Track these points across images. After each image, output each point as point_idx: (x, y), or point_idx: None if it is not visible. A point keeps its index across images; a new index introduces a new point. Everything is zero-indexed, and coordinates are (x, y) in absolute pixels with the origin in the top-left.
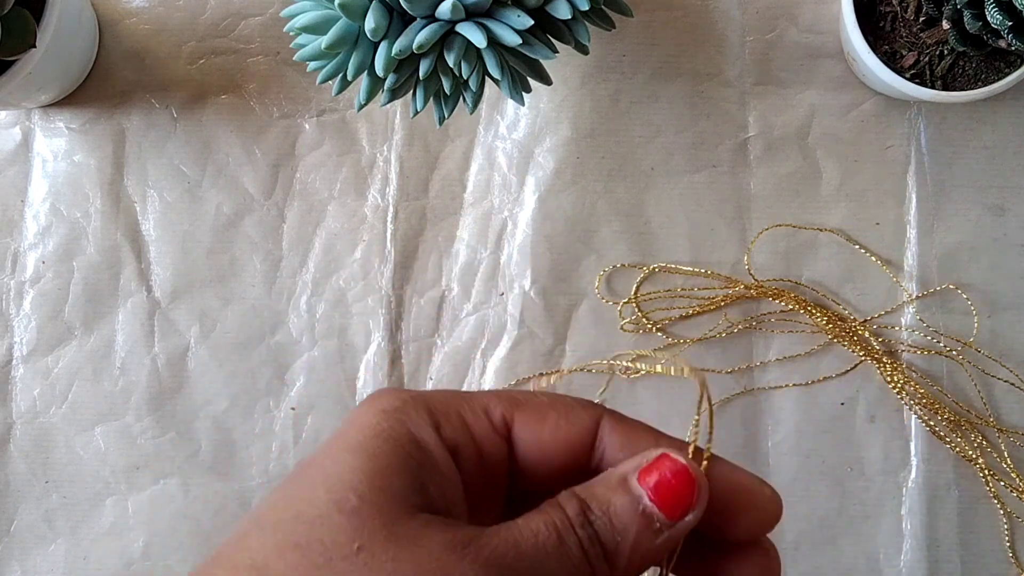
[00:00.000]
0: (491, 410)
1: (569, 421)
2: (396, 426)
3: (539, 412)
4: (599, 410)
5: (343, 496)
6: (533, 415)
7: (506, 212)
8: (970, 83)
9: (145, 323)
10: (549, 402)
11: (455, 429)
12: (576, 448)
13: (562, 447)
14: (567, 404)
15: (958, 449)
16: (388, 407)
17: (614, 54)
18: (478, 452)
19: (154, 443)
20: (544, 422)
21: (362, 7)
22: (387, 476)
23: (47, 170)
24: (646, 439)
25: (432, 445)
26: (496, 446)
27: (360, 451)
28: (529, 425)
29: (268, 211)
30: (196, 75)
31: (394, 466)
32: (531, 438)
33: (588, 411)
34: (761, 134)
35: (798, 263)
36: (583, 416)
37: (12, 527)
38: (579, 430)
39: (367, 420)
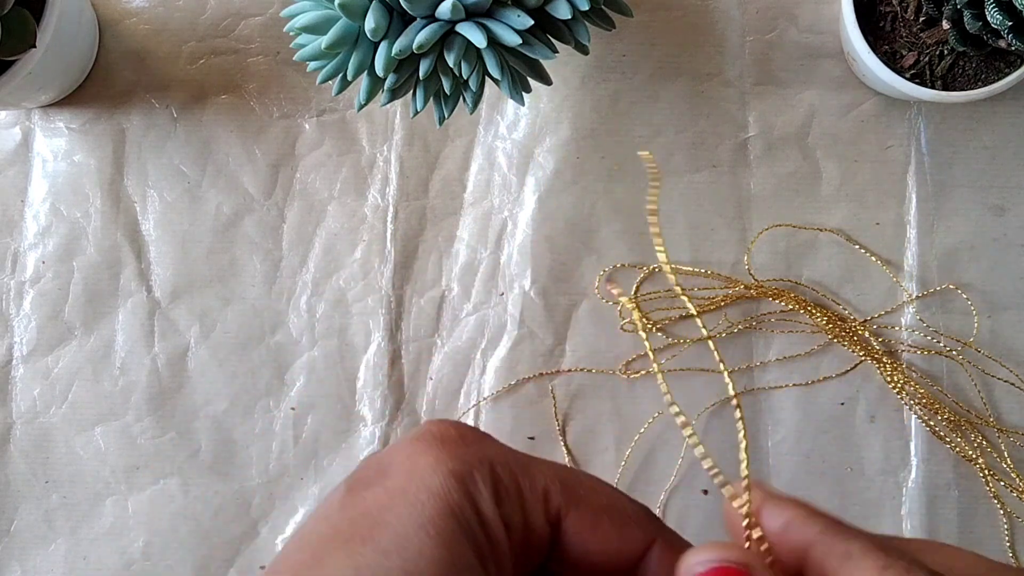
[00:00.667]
0: (550, 496)
1: (621, 537)
2: (465, 501)
3: (594, 516)
4: (653, 530)
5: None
6: (587, 517)
7: (506, 212)
8: (970, 83)
9: (145, 323)
10: (609, 505)
11: (513, 507)
12: (619, 563)
13: (607, 558)
14: (625, 515)
15: (958, 449)
16: (456, 469)
17: (614, 54)
18: (526, 534)
19: (154, 443)
20: (596, 529)
21: (362, 7)
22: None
23: (47, 170)
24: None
25: (493, 524)
26: (544, 533)
27: (437, 534)
28: (580, 527)
29: (268, 211)
30: (196, 75)
31: (466, 559)
32: (578, 540)
33: (643, 530)
34: (761, 134)
35: (798, 263)
36: (636, 536)
37: (12, 527)
38: (629, 549)
39: (439, 486)
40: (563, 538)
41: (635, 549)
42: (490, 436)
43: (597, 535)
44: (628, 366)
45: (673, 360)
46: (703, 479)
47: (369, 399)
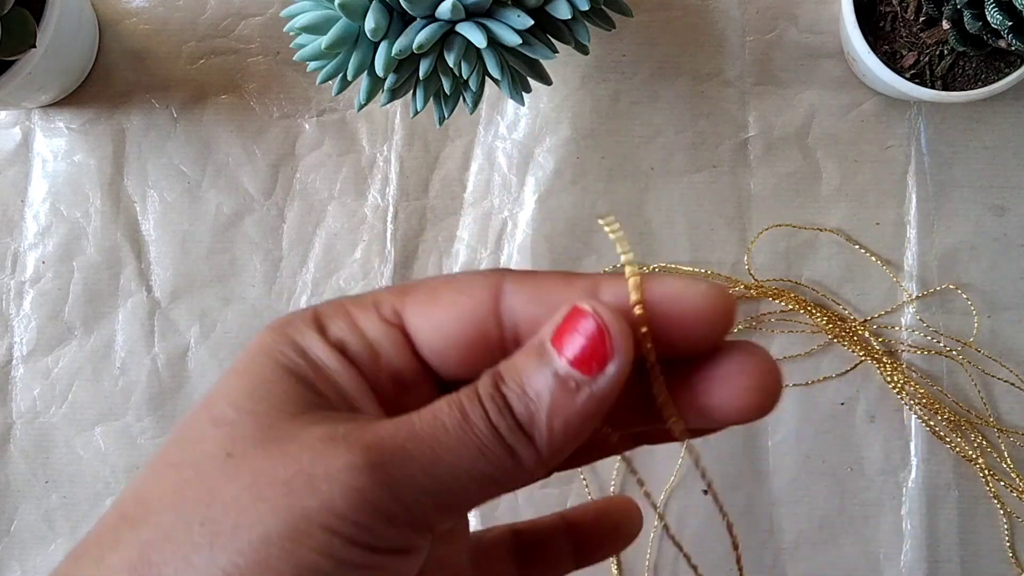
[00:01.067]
0: (380, 303)
1: (463, 293)
2: (278, 338)
3: (430, 293)
4: (498, 274)
5: (220, 412)
6: (424, 297)
7: (506, 212)
8: (970, 83)
9: (145, 323)
10: (443, 281)
11: (341, 328)
12: (480, 323)
13: (464, 325)
14: (461, 279)
15: (958, 449)
16: (274, 324)
17: (614, 54)
18: (370, 348)
19: (154, 443)
20: (436, 303)
21: (362, 7)
22: (267, 385)
23: (47, 170)
24: (556, 290)
25: (317, 348)
26: (391, 338)
27: (242, 369)
28: (420, 308)
29: (268, 211)
30: (196, 75)
31: (275, 375)
32: (426, 323)
33: (486, 278)
34: (761, 134)
35: (798, 263)
36: (479, 283)
37: (12, 527)
38: (475, 301)
39: (253, 342)
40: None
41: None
42: None
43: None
44: None
45: None
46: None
47: None
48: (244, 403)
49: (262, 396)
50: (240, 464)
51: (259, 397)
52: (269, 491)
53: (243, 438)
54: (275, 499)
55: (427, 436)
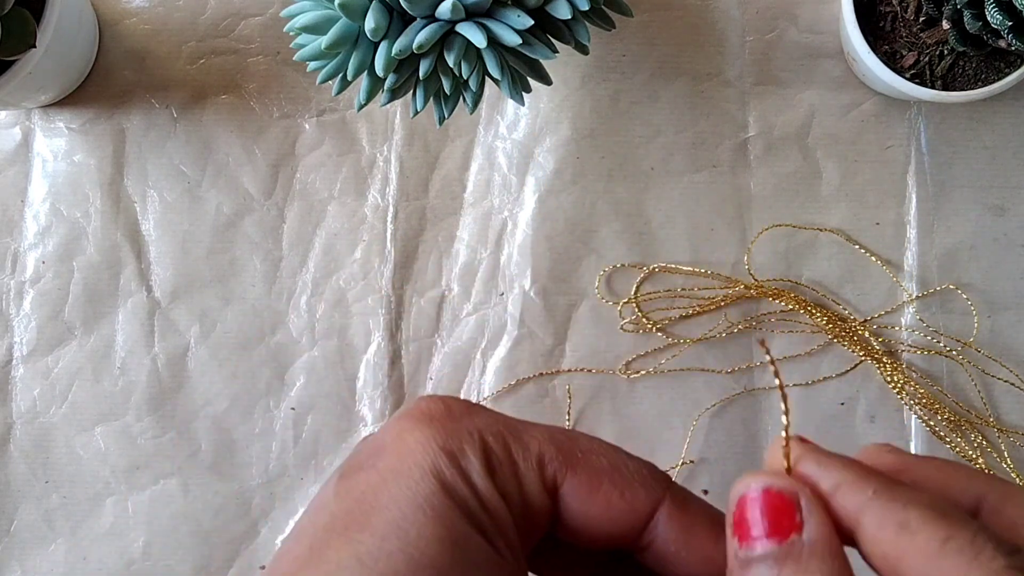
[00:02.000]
0: (545, 463)
1: (625, 500)
2: (458, 477)
3: (594, 479)
4: (660, 491)
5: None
6: (586, 481)
7: (506, 212)
8: (970, 83)
9: (145, 323)
10: (608, 466)
11: (507, 477)
12: (625, 528)
13: (611, 524)
14: (626, 475)
15: (958, 449)
16: (445, 445)
17: (614, 54)
18: (525, 504)
19: (154, 443)
20: (597, 493)
21: (362, 7)
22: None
23: (47, 170)
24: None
25: (489, 497)
26: (543, 501)
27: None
28: (580, 492)
29: (268, 211)
30: (196, 75)
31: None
32: (579, 506)
33: (648, 491)
34: (761, 134)
35: (798, 263)
36: (641, 496)
37: (12, 527)
38: (634, 513)
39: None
40: (563, 505)
41: (641, 510)
42: (480, 406)
43: (598, 499)
44: (628, 366)
45: (673, 360)
46: (703, 479)
47: (369, 399)
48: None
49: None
50: None
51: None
52: None
53: None
54: None
55: None
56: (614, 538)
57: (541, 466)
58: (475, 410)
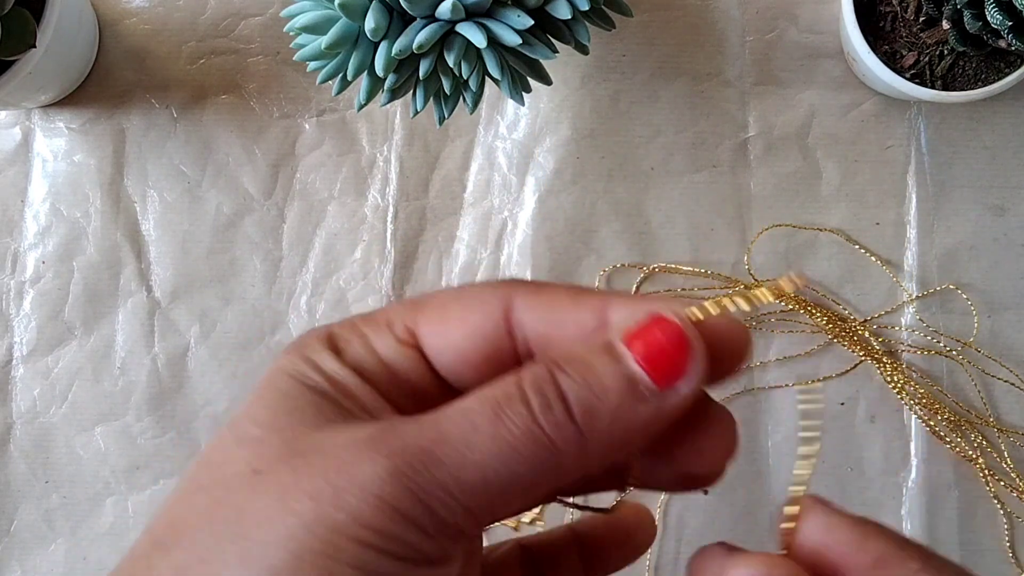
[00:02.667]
0: (393, 322)
1: (473, 310)
2: (295, 359)
3: (441, 310)
4: (507, 287)
5: (244, 431)
6: (435, 314)
7: (506, 212)
8: (970, 83)
9: (145, 323)
10: (453, 296)
11: (356, 349)
12: (492, 338)
13: (476, 342)
14: (471, 292)
15: (958, 449)
16: (289, 347)
17: (614, 54)
18: (387, 368)
19: (154, 443)
20: (447, 320)
21: (362, 7)
22: (289, 401)
23: (47, 170)
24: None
25: (334, 368)
26: (407, 357)
27: (263, 391)
28: (433, 327)
29: (268, 211)
30: (196, 75)
31: (296, 392)
32: (439, 340)
33: (495, 292)
34: (761, 134)
35: (798, 263)
36: (488, 298)
37: (12, 527)
38: (485, 316)
39: (271, 365)
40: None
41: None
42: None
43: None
44: None
45: None
46: None
47: None
48: (268, 420)
49: (285, 412)
50: (267, 479)
51: (282, 413)
52: (297, 505)
53: (269, 455)
54: (304, 513)
55: (455, 436)
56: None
57: (389, 325)
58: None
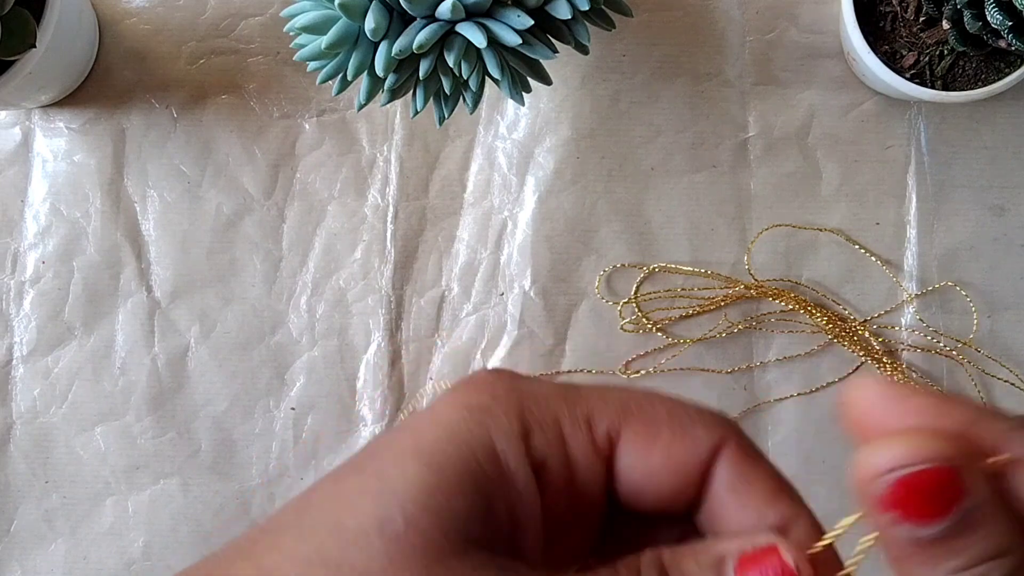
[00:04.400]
0: (595, 421)
1: (685, 445)
2: (475, 431)
3: (652, 428)
4: (722, 432)
5: (389, 515)
6: (644, 432)
7: (506, 212)
8: (970, 83)
9: (145, 323)
10: (667, 414)
11: (548, 441)
12: (686, 477)
13: (671, 474)
14: (685, 419)
15: None
16: (475, 403)
17: (614, 54)
18: (570, 471)
19: (154, 443)
20: (655, 443)
21: (362, 7)
22: (446, 496)
23: (47, 170)
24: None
25: (513, 460)
26: (594, 466)
27: (425, 458)
28: (637, 445)
29: (268, 211)
30: (196, 75)
31: (458, 484)
32: (637, 461)
33: (710, 433)
34: (761, 134)
35: (798, 263)
36: (703, 440)
37: (12, 527)
38: (695, 457)
39: (446, 417)
40: (619, 463)
41: (701, 458)
42: (529, 376)
43: (657, 447)
44: (628, 366)
45: (673, 360)
46: None
47: (369, 399)
48: (417, 514)
49: (438, 509)
50: None
51: (434, 510)
52: None
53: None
54: None
55: None
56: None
57: (590, 425)
58: (521, 377)
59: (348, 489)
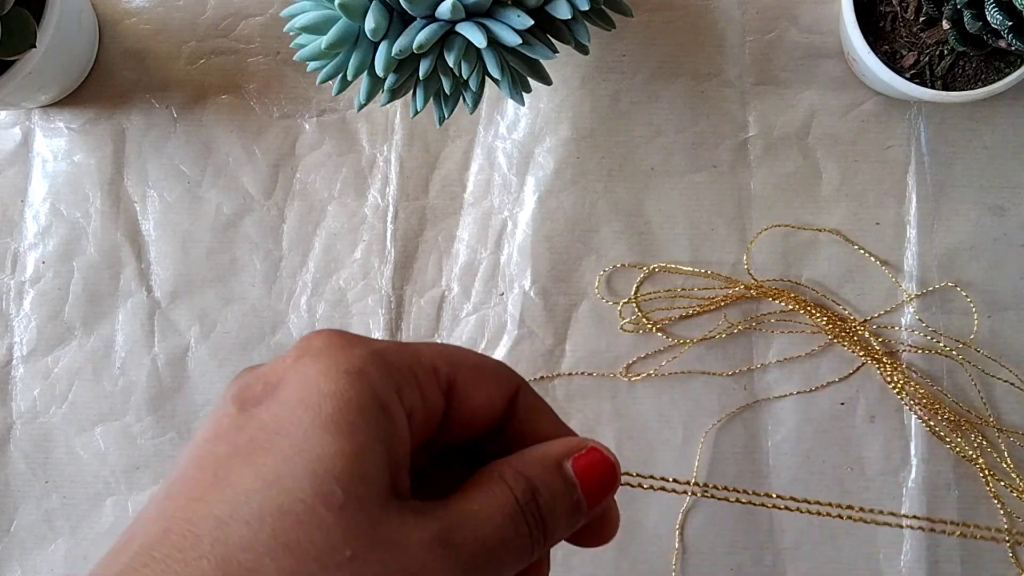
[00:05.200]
0: (439, 369)
1: (499, 386)
2: (366, 394)
3: (476, 374)
4: (518, 379)
5: (329, 489)
6: (471, 377)
7: (506, 212)
8: (970, 83)
9: (145, 323)
10: (481, 363)
11: (412, 393)
12: (497, 412)
13: (489, 411)
14: (496, 368)
15: (958, 449)
16: (351, 368)
17: (614, 54)
18: (427, 414)
19: (154, 443)
20: (480, 386)
21: (362, 7)
22: (366, 460)
23: (47, 170)
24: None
25: (396, 414)
26: (439, 407)
27: (337, 430)
28: (467, 388)
29: (268, 211)
30: (196, 75)
31: (370, 447)
32: (466, 400)
33: (511, 377)
34: (761, 134)
35: (798, 263)
36: (510, 382)
37: (12, 527)
38: (504, 396)
39: (334, 386)
40: (454, 403)
41: (508, 396)
42: (367, 337)
43: (481, 389)
44: (629, 368)
45: (674, 362)
46: (703, 478)
47: None
48: (350, 483)
49: (363, 474)
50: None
51: (361, 475)
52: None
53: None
54: None
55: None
56: (491, 419)
57: (436, 373)
58: (366, 339)
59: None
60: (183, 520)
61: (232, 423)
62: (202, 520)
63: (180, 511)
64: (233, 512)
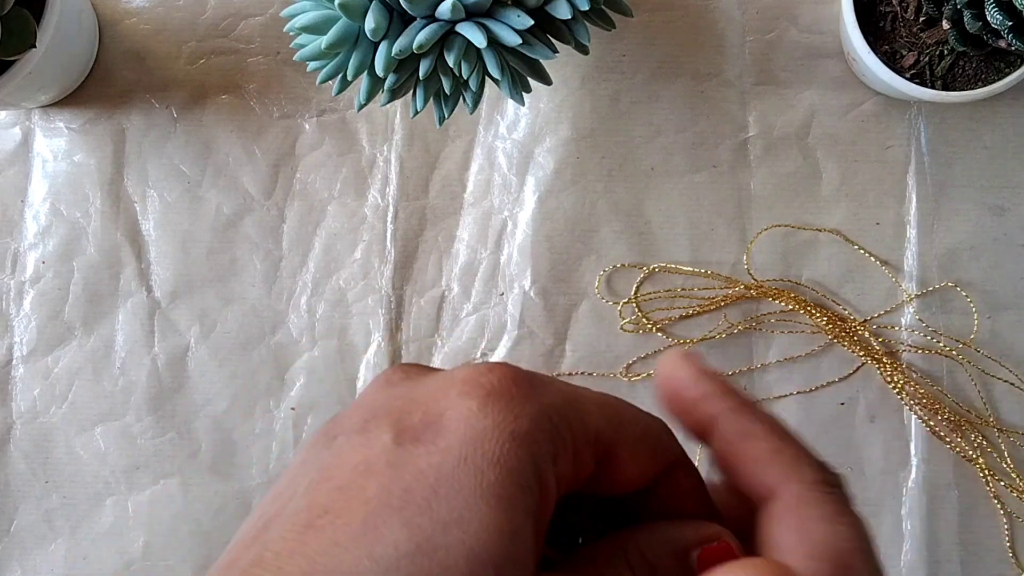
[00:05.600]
0: (600, 437)
1: (656, 460)
2: (528, 466)
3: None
4: (679, 449)
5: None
6: (631, 448)
7: (506, 212)
8: (970, 83)
9: (145, 323)
10: (644, 433)
11: (567, 462)
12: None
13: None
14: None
15: (958, 449)
16: (518, 431)
17: (614, 54)
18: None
19: (154, 443)
20: (638, 460)
21: (362, 7)
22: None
23: (47, 170)
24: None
25: (549, 485)
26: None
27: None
28: (624, 458)
29: (268, 211)
30: (196, 75)
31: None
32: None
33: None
34: (761, 134)
35: (798, 263)
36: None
37: (12, 527)
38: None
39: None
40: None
41: (662, 468)
42: (541, 376)
43: (636, 464)
44: (629, 369)
45: None
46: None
47: None
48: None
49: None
50: None
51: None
52: None
53: None
54: None
55: None
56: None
57: (597, 441)
58: (539, 384)
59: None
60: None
61: (386, 459)
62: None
63: (323, 556)
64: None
